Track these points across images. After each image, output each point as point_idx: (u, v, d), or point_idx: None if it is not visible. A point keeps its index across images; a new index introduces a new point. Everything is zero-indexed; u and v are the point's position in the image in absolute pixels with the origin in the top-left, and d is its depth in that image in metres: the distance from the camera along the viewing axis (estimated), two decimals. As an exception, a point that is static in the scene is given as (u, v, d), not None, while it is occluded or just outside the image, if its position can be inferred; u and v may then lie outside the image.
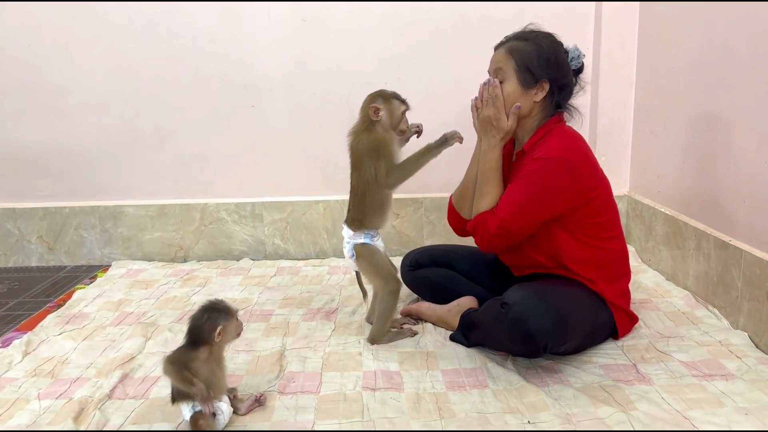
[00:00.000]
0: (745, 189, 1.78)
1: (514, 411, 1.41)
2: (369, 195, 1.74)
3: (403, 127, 1.78)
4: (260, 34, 2.53)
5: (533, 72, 1.62)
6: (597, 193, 1.64)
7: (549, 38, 1.67)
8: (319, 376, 1.60)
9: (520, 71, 1.63)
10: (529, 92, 1.64)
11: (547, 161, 1.58)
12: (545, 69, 1.63)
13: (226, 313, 1.36)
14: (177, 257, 2.68)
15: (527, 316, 1.47)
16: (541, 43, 1.64)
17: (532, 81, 1.63)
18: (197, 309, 1.38)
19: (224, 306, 1.38)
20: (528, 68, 1.62)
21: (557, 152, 1.59)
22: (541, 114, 1.68)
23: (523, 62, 1.62)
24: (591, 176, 1.63)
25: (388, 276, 1.77)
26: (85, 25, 2.51)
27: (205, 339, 1.34)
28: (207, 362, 1.33)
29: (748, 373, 1.54)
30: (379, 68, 2.53)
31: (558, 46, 1.67)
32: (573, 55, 1.68)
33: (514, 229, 1.60)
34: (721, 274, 1.87)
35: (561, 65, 1.65)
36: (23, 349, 1.77)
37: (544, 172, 1.58)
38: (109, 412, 1.45)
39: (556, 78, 1.64)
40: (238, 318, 1.40)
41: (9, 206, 2.66)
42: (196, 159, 2.64)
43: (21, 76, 2.55)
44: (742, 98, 1.78)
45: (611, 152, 2.58)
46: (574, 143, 1.63)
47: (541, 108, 1.67)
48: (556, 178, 1.57)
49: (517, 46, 1.65)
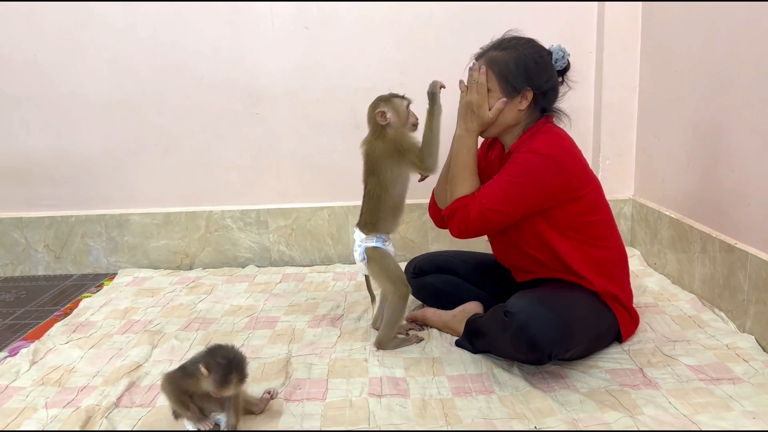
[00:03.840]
0: (750, 192, 1.78)
1: (521, 416, 1.40)
2: (385, 198, 1.75)
3: (413, 120, 1.79)
4: (264, 41, 2.54)
5: (513, 83, 1.61)
6: (585, 192, 1.64)
7: (528, 44, 1.65)
8: (325, 382, 1.60)
9: (502, 83, 1.62)
10: (513, 102, 1.63)
11: (532, 155, 1.58)
12: (525, 78, 1.61)
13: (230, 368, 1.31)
14: (183, 265, 2.69)
15: (531, 324, 1.46)
16: (520, 52, 1.62)
17: (514, 91, 1.62)
18: (206, 352, 1.36)
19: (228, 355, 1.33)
20: (508, 79, 1.61)
21: (543, 149, 1.58)
22: (527, 120, 1.68)
23: (502, 73, 1.62)
24: (577, 174, 1.63)
25: (398, 280, 1.77)
26: (90, 34, 2.53)
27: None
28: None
29: (756, 376, 1.53)
30: (382, 74, 2.54)
31: (538, 52, 1.64)
32: (557, 56, 1.66)
33: (495, 218, 1.59)
34: (727, 277, 1.86)
35: (542, 71, 1.63)
36: (30, 358, 1.77)
37: (529, 164, 1.57)
38: (116, 421, 1.45)
39: (538, 85, 1.63)
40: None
41: (16, 215, 2.68)
42: (201, 166, 2.66)
43: (27, 86, 2.57)
44: (747, 101, 1.78)
45: (615, 156, 2.58)
46: (559, 141, 1.62)
47: (527, 114, 1.67)
48: (541, 171, 1.57)
49: (495, 56, 1.63)
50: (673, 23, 2.21)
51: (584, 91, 2.59)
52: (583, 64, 2.58)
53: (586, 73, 2.57)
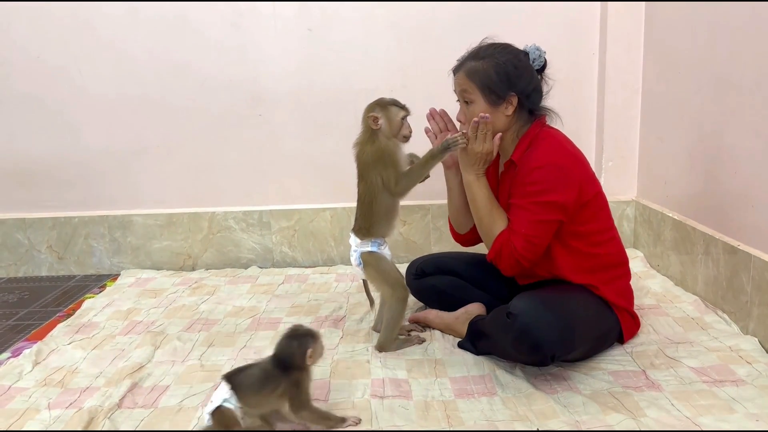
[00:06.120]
0: (754, 194, 1.78)
1: (523, 418, 1.40)
2: (376, 204, 1.74)
3: (405, 132, 1.76)
4: (267, 44, 2.55)
5: (497, 91, 1.62)
6: (593, 195, 1.64)
7: (506, 50, 1.65)
8: (328, 384, 1.60)
9: (485, 92, 1.62)
10: (498, 109, 1.63)
11: (545, 168, 1.58)
12: (508, 84, 1.61)
13: (312, 336, 1.38)
14: (185, 266, 2.69)
15: (533, 326, 1.47)
16: (498, 59, 1.62)
17: (498, 99, 1.62)
18: (283, 337, 1.39)
19: (306, 330, 1.40)
20: (491, 88, 1.62)
21: (551, 157, 1.59)
22: (517, 124, 1.68)
23: (484, 83, 1.62)
24: (585, 177, 1.64)
25: (395, 283, 1.77)
26: (93, 37, 2.54)
27: (297, 364, 1.36)
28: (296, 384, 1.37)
29: (759, 378, 1.52)
30: (384, 76, 2.54)
31: (515, 56, 1.65)
32: (533, 56, 1.66)
33: (538, 241, 1.59)
34: (730, 279, 1.86)
35: (522, 74, 1.64)
36: (33, 359, 1.78)
37: (547, 178, 1.58)
38: (118, 422, 1.45)
39: (521, 89, 1.63)
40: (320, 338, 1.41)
41: (19, 216, 2.68)
42: (204, 168, 2.66)
43: (30, 88, 2.58)
44: (750, 103, 1.78)
45: (618, 158, 2.57)
46: (562, 146, 1.63)
47: (516, 119, 1.67)
48: (559, 181, 1.58)
49: (474, 67, 1.63)
50: (677, 24, 2.21)
51: (587, 92, 2.59)
52: (585, 66, 2.57)
53: (588, 74, 2.57)
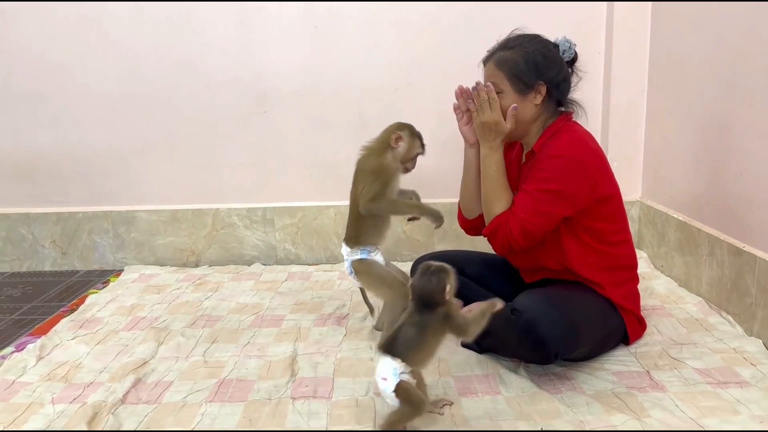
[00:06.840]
0: (759, 195, 1.77)
1: (527, 418, 1.40)
2: (361, 213, 1.77)
3: (410, 166, 1.82)
4: (271, 41, 2.54)
5: (525, 80, 1.62)
6: (609, 194, 1.64)
7: (535, 40, 1.66)
8: (331, 381, 1.60)
9: (513, 81, 1.62)
10: (527, 98, 1.63)
11: (557, 159, 1.58)
12: (536, 73, 1.62)
13: (445, 271, 1.37)
14: (189, 262, 2.70)
15: (538, 322, 1.46)
16: (527, 48, 1.63)
17: (526, 88, 1.62)
18: (419, 276, 1.37)
19: (438, 266, 1.37)
20: (519, 77, 1.62)
21: (567, 150, 1.59)
22: (545, 115, 1.68)
23: (513, 72, 1.62)
24: (603, 174, 1.63)
25: (393, 282, 1.77)
26: (98, 32, 2.54)
27: (438, 300, 1.35)
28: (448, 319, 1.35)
29: (763, 380, 1.52)
30: (389, 75, 2.54)
31: (545, 46, 1.65)
32: (563, 48, 1.67)
33: (535, 229, 1.59)
34: (734, 280, 1.86)
35: (552, 64, 1.64)
36: (37, 354, 1.78)
37: (557, 169, 1.57)
38: (122, 417, 1.45)
39: (550, 78, 1.63)
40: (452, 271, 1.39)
41: (23, 211, 2.69)
42: (208, 164, 2.66)
43: (35, 83, 2.58)
44: (755, 103, 1.77)
45: (623, 158, 2.57)
46: (583, 140, 1.63)
47: (544, 109, 1.67)
48: (571, 175, 1.57)
49: (503, 56, 1.64)
50: (683, 24, 2.20)
51: (592, 92, 2.58)
52: (591, 65, 2.55)
53: (594, 74, 2.56)
